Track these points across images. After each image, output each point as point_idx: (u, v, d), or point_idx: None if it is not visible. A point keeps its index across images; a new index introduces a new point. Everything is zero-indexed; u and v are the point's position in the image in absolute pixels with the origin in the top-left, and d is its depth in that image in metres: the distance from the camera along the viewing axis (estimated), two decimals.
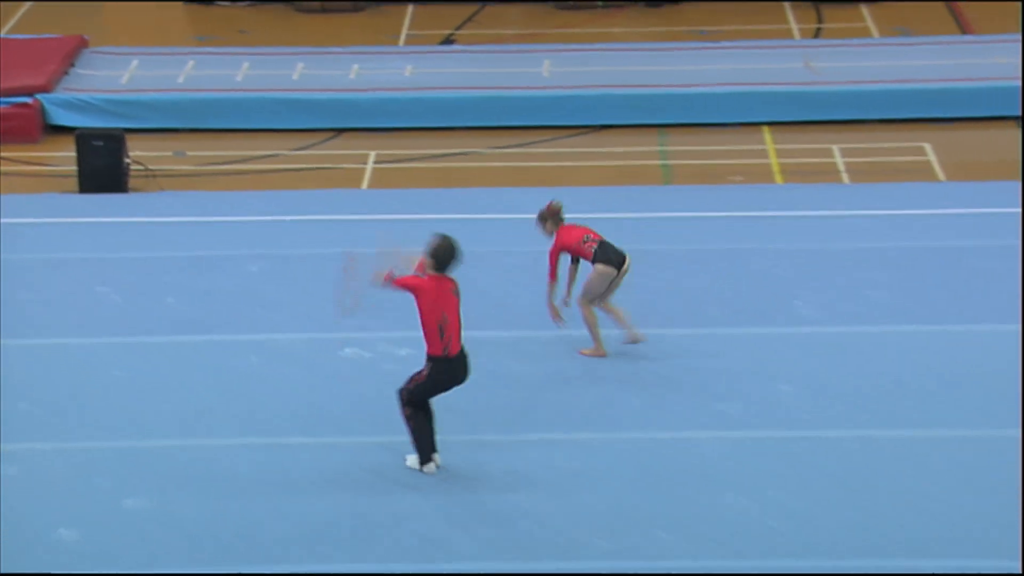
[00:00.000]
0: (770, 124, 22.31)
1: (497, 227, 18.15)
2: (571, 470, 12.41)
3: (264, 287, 16.47)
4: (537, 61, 23.92)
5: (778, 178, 20.51)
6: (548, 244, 14.42)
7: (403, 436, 13.01)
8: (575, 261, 14.51)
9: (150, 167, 20.45)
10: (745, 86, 22.56)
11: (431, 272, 12.18)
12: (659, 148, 21.73)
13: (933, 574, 10.65)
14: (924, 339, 14.79)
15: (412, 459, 12.42)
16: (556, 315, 14.51)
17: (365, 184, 20.61)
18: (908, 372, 14.05)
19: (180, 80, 23.25)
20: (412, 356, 14.58)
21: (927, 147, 21.28)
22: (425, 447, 12.33)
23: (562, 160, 21.32)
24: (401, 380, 14.05)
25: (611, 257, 14.32)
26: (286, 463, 12.62)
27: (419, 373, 12.25)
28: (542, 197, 19.28)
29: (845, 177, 20.47)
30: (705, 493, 12.01)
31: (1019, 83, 21.98)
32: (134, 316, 15.68)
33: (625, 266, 14.40)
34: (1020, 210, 17.79)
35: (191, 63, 23.88)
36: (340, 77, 23.37)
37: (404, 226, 18.25)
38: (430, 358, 12.17)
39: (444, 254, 12.19)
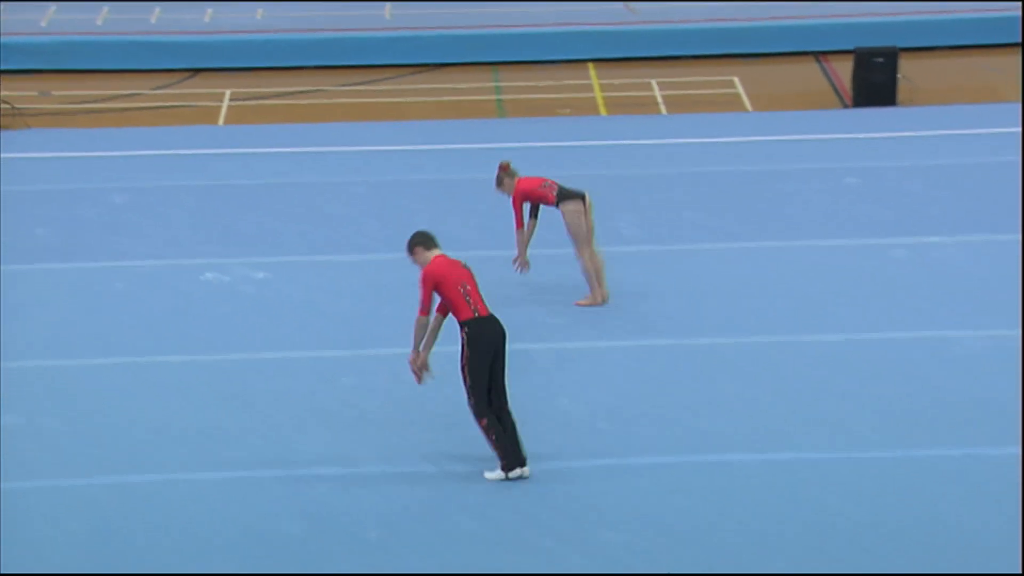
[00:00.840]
0: (595, 61, 22.39)
1: (345, 159, 18.07)
2: (408, 379, 12.43)
3: (128, 217, 16.26)
4: (379, 5, 23.80)
5: (602, 110, 20.61)
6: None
7: (264, 352, 12.97)
8: (534, 215, 13.77)
9: (16, 106, 20.04)
10: (572, 26, 22.62)
11: (428, 255, 10.79)
12: (493, 84, 21.72)
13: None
14: (735, 254, 14.98)
15: (493, 473, 10.87)
16: (524, 263, 13.82)
17: (221, 120, 20.38)
18: (722, 283, 14.23)
19: (43, 24, 22.80)
20: (269, 279, 14.52)
21: (736, 80, 21.49)
22: (509, 453, 10.79)
23: (404, 96, 21.24)
24: (260, 302, 14.00)
25: (572, 193, 13.66)
26: (149, 379, 12.50)
27: (461, 357, 10.74)
28: (386, 130, 19.29)
29: (663, 108, 20.62)
30: (540, 399, 12.08)
31: (816, 21, 22.35)
32: (6, 246, 15.40)
33: (587, 200, 13.70)
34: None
35: (53, 8, 23.43)
36: (195, 20, 23.04)
37: (259, 159, 18.12)
38: (463, 324, 10.71)
39: (423, 236, 10.83)
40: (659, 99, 20.90)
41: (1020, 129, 18.04)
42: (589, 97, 21.04)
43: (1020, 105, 19.13)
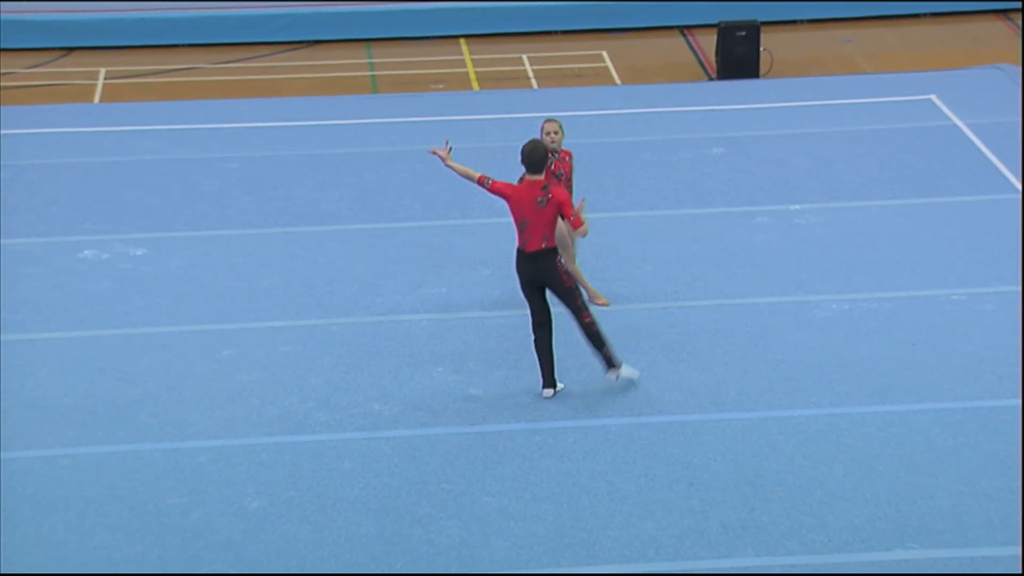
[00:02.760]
0: (466, 36, 22.40)
1: (220, 135, 17.95)
2: (292, 353, 12.45)
3: (4, 195, 16.03)
4: None
5: (475, 85, 20.63)
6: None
7: (143, 328, 12.89)
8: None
9: None
10: (444, 2, 22.59)
11: (525, 176, 11.44)
12: (367, 60, 21.67)
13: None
14: (605, 224, 15.10)
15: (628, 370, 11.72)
16: None
17: (97, 99, 20.15)
18: (592, 252, 14.33)
19: None
20: (147, 256, 14.42)
21: (605, 54, 21.62)
22: (545, 369, 11.64)
23: (278, 73, 21.13)
24: (139, 278, 13.90)
25: None
26: (30, 356, 12.39)
27: (566, 285, 11.49)
28: (261, 107, 19.18)
29: (534, 83, 20.69)
30: (416, 368, 12.14)
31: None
32: None
33: None
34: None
35: None
36: None
37: (135, 137, 17.94)
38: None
39: (532, 156, 11.35)
40: (530, 73, 20.97)
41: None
42: (462, 72, 21.07)
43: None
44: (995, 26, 22.25)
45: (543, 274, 11.44)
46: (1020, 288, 13.19)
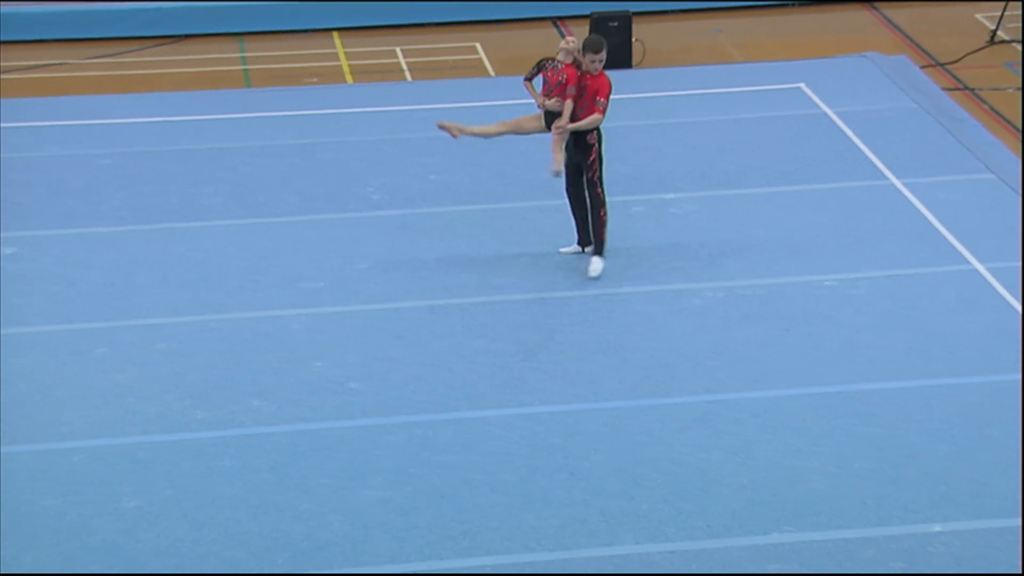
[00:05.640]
0: (339, 30, 22.29)
1: (90, 132, 17.70)
2: (168, 350, 12.32)
3: None
4: None
5: (349, 78, 20.54)
6: None
7: (14, 328, 12.69)
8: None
9: None
10: None
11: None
12: (240, 54, 21.49)
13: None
14: (480, 215, 15.10)
15: (598, 263, 13.47)
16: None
17: None
18: (465, 246, 14.35)
19: None
20: (16, 254, 14.20)
21: (478, 46, 21.62)
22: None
23: (150, 68, 20.88)
24: (9, 277, 13.67)
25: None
26: None
27: (592, 157, 13.24)
28: (132, 103, 18.93)
29: (408, 75, 20.63)
30: (294, 363, 12.08)
31: None
32: None
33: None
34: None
35: None
36: None
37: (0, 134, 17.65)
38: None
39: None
40: (404, 66, 20.90)
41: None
42: (335, 65, 20.95)
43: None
44: (862, 15, 22.56)
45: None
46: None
